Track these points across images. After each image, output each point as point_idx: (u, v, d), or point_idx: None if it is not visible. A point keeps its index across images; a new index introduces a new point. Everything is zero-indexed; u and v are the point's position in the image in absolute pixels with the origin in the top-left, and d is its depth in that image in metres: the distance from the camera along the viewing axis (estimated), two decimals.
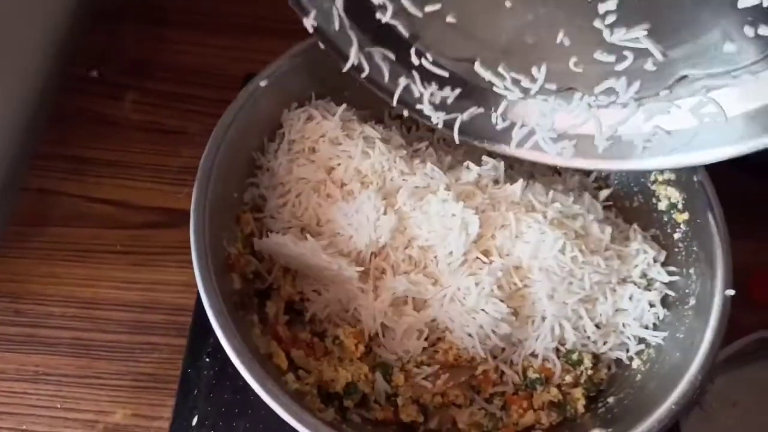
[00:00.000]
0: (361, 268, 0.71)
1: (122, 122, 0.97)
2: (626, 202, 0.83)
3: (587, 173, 0.85)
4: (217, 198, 0.69)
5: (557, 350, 0.74)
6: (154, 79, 1.01)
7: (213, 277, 0.62)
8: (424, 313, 0.72)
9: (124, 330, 0.83)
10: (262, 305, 0.73)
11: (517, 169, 0.84)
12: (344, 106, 0.79)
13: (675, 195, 0.77)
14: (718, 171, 0.75)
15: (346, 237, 0.73)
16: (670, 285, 0.75)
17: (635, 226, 0.80)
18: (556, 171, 0.86)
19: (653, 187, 0.80)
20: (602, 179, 0.85)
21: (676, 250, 0.77)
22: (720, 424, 0.86)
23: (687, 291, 0.73)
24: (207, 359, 0.76)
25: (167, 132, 0.97)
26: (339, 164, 0.76)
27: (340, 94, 0.82)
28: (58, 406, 0.78)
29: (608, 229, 0.76)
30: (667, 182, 0.78)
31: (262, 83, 0.75)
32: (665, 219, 0.79)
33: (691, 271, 0.74)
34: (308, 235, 0.72)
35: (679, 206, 0.77)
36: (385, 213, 0.72)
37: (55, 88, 0.99)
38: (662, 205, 0.79)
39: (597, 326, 0.74)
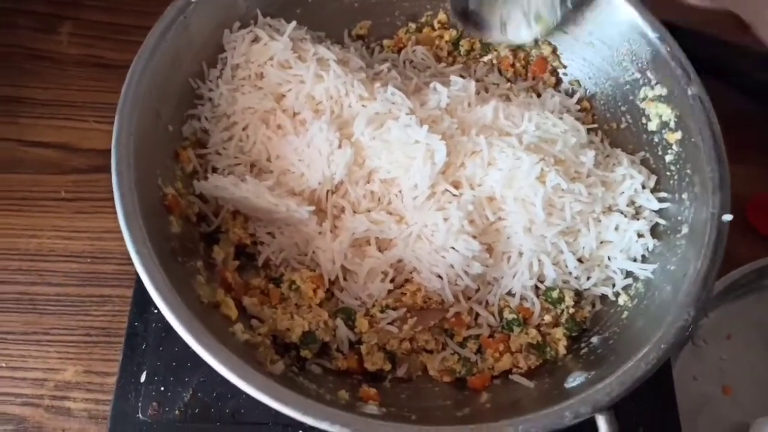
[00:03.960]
0: (312, 208, 0.64)
1: (58, 57, 0.89)
2: (613, 123, 0.76)
3: (570, 93, 0.77)
4: (146, 131, 0.60)
5: (536, 288, 0.67)
6: (91, 9, 0.92)
7: (140, 220, 0.55)
8: (388, 253, 0.66)
9: (73, 282, 0.77)
10: (210, 250, 0.66)
11: (492, 91, 0.76)
12: (294, 23, 0.70)
13: (666, 112, 0.69)
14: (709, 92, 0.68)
15: (297, 174, 0.65)
16: (660, 213, 0.68)
17: (618, 150, 0.72)
18: (536, 92, 0.77)
19: (642, 105, 0.72)
20: (586, 99, 0.77)
21: (668, 174, 0.69)
22: (714, 358, 0.81)
23: (679, 218, 0.66)
24: (155, 311, 0.69)
25: (109, 66, 0.89)
26: (289, 90, 0.68)
27: (291, 12, 0.73)
28: (3, 365, 0.73)
29: (591, 153, 0.68)
30: (658, 98, 0.70)
31: None
32: (656, 140, 0.71)
33: (684, 196, 0.66)
34: (248, 177, 0.64)
35: (671, 125, 0.69)
36: (339, 146, 0.64)
37: None
38: (652, 125, 0.71)
39: (579, 260, 0.67)
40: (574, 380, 0.58)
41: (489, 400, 0.60)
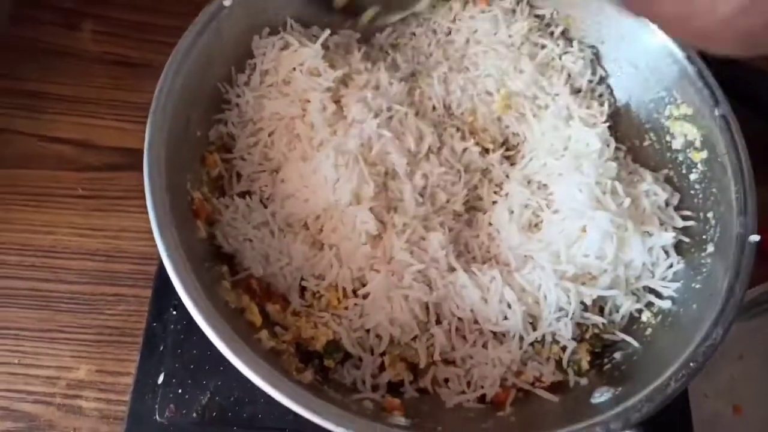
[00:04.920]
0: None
1: (80, 54, 0.88)
2: (636, 141, 0.76)
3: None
4: (177, 135, 0.60)
5: None
6: (115, 6, 0.91)
7: (173, 225, 0.54)
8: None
9: (87, 280, 0.77)
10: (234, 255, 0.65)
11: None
12: (328, 31, 0.70)
13: (692, 132, 0.70)
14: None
15: (301, 200, 0.64)
16: (684, 231, 0.68)
17: (639, 167, 0.72)
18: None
19: (667, 124, 0.72)
20: (610, 117, 0.77)
21: (692, 192, 0.69)
22: (724, 377, 0.82)
23: (704, 237, 0.66)
24: (174, 312, 0.69)
25: (130, 65, 0.88)
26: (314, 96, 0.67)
27: (319, 21, 0.73)
28: (16, 361, 0.72)
29: (612, 165, 0.68)
30: (684, 117, 0.70)
31: (226, 3, 0.65)
32: (680, 158, 0.71)
33: (709, 215, 0.66)
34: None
35: (697, 144, 0.69)
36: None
37: (4, 17, 0.89)
38: (677, 144, 0.71)
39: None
40: (601, 395, 0.58)
41: (513, 413, 0.60)
